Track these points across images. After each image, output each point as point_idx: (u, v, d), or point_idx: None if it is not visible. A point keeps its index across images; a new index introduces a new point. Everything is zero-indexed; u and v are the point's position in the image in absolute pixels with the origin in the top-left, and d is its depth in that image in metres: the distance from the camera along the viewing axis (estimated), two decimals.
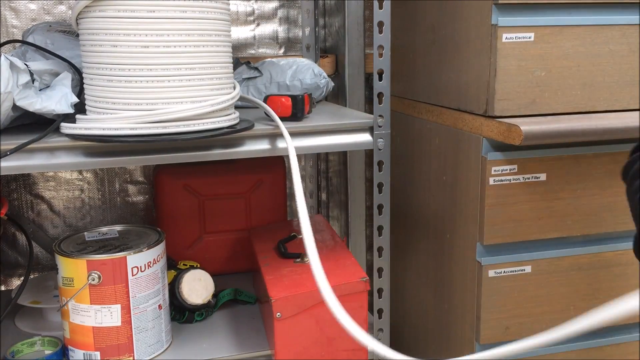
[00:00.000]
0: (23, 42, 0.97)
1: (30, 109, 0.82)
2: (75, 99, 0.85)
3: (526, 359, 1.07)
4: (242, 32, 1.40)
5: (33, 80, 0.84)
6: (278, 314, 0.90)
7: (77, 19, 0.81)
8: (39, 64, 0.88)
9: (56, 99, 0.84)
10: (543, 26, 0.96)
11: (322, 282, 0.64)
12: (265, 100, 0.95)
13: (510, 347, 0.57)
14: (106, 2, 0.76)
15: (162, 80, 0.78)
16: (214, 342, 1.01)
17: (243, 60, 1.23)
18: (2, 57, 0.79)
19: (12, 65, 0.80)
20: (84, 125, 0.80)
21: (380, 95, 0.95)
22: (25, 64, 0.83)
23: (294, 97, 0.94)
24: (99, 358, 0.92)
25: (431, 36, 1.17)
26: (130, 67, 0.77)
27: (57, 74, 0.90)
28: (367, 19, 1.34)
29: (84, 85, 0.83)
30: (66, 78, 0.87)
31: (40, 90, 0.86)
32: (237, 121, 0.88)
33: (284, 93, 0.97)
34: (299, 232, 1.13)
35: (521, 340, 0.56)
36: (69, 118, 0.85)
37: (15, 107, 0.83)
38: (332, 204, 1.53)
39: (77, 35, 0.85)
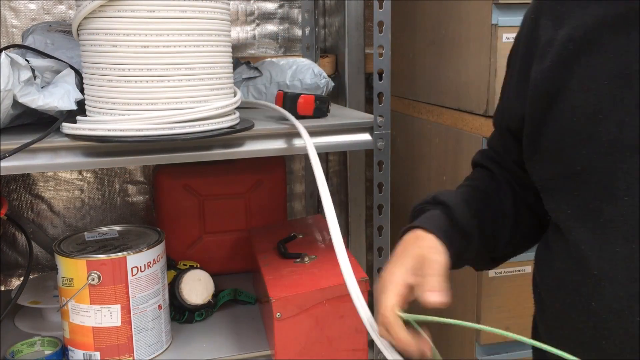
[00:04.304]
0: (23, 47, 0.97)
1: (33, 106, 0.82)
2: (79, 96, 0.85)
3: (526, 359, 1.07)
4: (242, 32, 1.40)
5: (35, 77, 0.84)
6: (278, 314, 0.90)
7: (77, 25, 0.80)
8: (40, 61, 0.88)
9: (59, 96, 0.83)
10: None
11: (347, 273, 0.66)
12: (285, 96, 0.96)
13: None
14: (106, 2, 0.76)
15: (161, 80, 0.78)
16: (214, 342, 1.01)
17: (243, 60, 1.23)
18: (3, 54, 0.79)
19: (13, 62, 0.80)
20: (85, 126, 0.79)
21: (380, 95, 0.95)
22: (26, 60, 0.83)
23: (318, 96, 0.95)
24: (98, 358, 0.92)
25: (431, 36, 1.17)
26: (130, 67, 0.77)
27: (58, 72, 0.90)
28: (367, 19, 1.33)
29: (84, 85, 0.83)
30: (69, 75, 0.87)
31: (42, 87, 0.86)
32: (237, 121, 0.88)
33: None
34: (299, 232, 1.13)
35: None
36: (70, 117, 0.84)
37: (15, 105, 0.82)
38: None
39: None
